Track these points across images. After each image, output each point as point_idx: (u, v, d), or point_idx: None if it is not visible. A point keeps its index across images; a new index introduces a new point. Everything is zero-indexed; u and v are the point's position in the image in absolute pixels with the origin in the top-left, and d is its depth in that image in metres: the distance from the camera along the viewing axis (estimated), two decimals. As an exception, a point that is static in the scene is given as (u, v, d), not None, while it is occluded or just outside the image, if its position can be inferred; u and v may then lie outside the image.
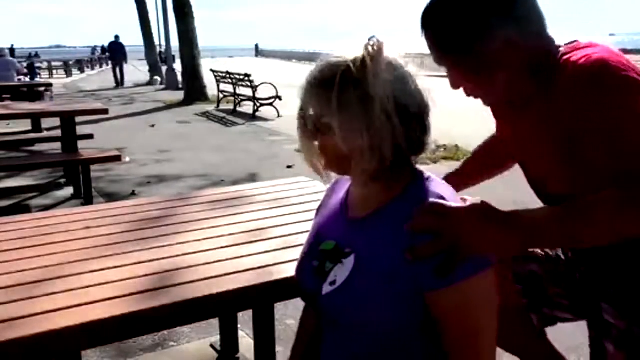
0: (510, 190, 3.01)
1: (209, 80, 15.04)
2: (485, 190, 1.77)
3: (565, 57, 1.19)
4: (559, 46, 1.24)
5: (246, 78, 12.14)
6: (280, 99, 12.17)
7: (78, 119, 6.11)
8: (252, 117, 11.91)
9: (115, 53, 21.93)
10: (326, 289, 1.11)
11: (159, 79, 21.13)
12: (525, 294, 1.52)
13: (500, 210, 1.00)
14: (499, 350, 1.15)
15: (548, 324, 1.55)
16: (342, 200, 1.21)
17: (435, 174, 1.15)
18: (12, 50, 29.16)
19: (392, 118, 1.01)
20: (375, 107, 1.00)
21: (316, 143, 1.09)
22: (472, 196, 1.11)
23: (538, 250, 1.53)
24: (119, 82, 21.45)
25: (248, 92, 12.32)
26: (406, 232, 1.00)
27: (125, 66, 22.56)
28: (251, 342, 2.49)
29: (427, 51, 1.25)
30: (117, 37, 22.17)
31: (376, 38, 1.04)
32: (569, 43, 1.24)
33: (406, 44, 1.08)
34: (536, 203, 1.26)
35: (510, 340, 1.50)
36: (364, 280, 1.05)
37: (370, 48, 1.03)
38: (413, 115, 1.04)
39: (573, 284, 1.45)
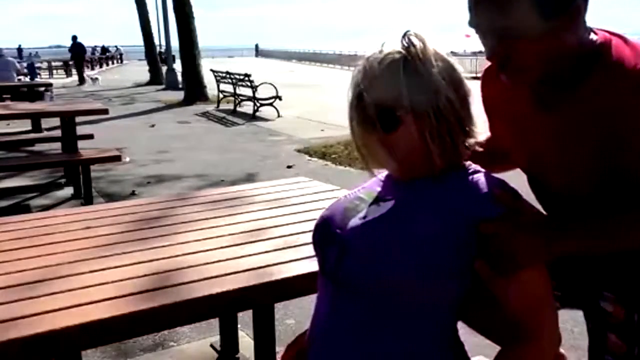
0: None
1: (209, 80, 15.05)
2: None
3: (607, 50, 1.16)
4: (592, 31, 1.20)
5: (246, 78, 12.14)
6: (280, 99, 12.17)
7: (78, 119, 6.12)
8: (252, 117, 11.90)
9: (75, 53, 22.70)
10: (354, 222, 1.09)
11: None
12: None
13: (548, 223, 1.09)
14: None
15: None
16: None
17: None
18: (19, 50, 29.25)
19: (454, 102, 1.04)
20: (440, 93, 1.03)
21: (374, 137, 1.07)
22: None
23: None
24: (81, 80, 22.44)
25: (248, 92, 12.32)
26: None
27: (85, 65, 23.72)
28: (251, 342, 2.49)
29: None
30: (74, 37, 22.82)
31: (413, 31, 1.06)
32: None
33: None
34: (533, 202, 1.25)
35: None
36: (398, 225, 1.05)
37: (415, 40, 1.05)
38: (466, 100, 1.07)
39: (569, 274, 1.44)
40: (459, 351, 1.11)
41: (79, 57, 23.15)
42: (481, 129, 1.14)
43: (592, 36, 1.18)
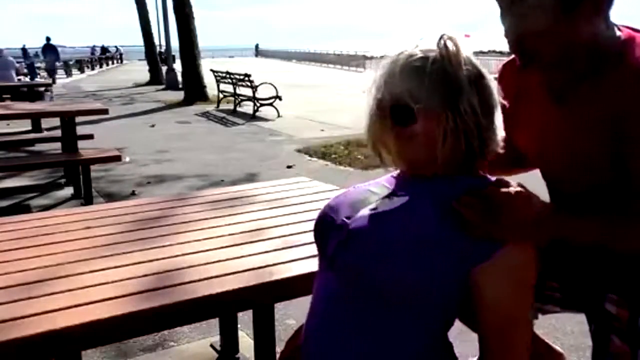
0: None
1: (209, 80, 15.05)
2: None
3: (630, 47, 1.15)
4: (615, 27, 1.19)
5: (246, 78, 12.14)
6: (280, 99, 12.17)
7: (78, 119, 6.11)
8: (252, 117, 11.90)
9: (48, 54, 22.12)
10: (363, 212, 1.10)
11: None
12: None
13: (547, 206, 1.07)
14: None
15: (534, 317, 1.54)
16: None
17: None
18: (24, 50, 29.21)
19: (476, 108, 1.04)
20: (463, 96, 1.04)
21: (391, 133, 1.08)
22: None
23: None
24: (54, 81, 21.88)
25: (248, 92, 12.32)
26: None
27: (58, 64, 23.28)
28: (251, 342, 2.49)
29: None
30: (48, 38, 22.44)
31: (447, 35, 1.07)
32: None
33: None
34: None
35: None
36: (404, 220, 1.05)
37: (449, 42, 1.06)
38: (491, 109, 1.07)
39: (573, 276, 1.43)
40: (449, 351, 1.11)
41: (52, 58, 22.09)
42: (502, 142, 1.12)
43: (616, 32, 1.18)
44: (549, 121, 1.29)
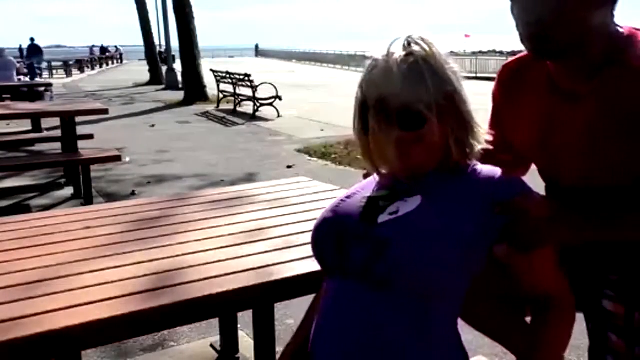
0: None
1: (209, 80, 15.05)
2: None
3: (634, 42, 1.18)
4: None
5: (246, 78, 12.14)
6: (280, 99, 12.17)
7: (78, 119, 6.12)
8: (252, 117, 11.90)
9: (33, 54, 21.95)
10: (383, 218, 1.08)
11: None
12: None
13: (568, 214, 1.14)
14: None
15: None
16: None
17: None
18: (21, 50, 29.21)
19: (466, 100, 1.09)
20: (456, 91, 1.07)
21: (392, 137, 1.07)
22: None
23: None
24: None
25: (248, 92, 12.32)
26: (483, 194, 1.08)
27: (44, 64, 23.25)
28: (251, 342, 2.49)
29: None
30: (32, 39, 22.46)
31: (418, 35, 1.08)
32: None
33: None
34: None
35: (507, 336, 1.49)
36: (432, 215, 1.06)
37: (422, 43, 1.07)
38: (468, 98, 1.10)
39: (572, 273, 1.44)
40: (460, 344, 1.12)
41: (37, 58, 21.56)
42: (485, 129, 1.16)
43: (619, 29, 1.21)
44: (555, 115, 1.28)
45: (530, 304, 1.18)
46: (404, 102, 1.04)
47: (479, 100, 1.32)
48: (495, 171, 1.12)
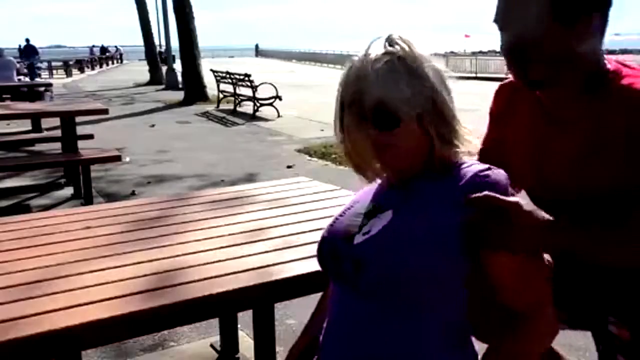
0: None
1: (209, 80, 15.05)
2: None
3: (619, 75, 1.19)
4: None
5: (246, 78, 12.14)
6: (280, 99, 12.17)
7: (78, 119, 6.12)
8: (252, 117, 11.90)
9: (28, 55, 21.95)
10: (358, 239, 1.10)
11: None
12: None
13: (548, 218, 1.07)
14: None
15: None
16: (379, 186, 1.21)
17: None
18: (20, 50, 29.26)
19: (447, 100, 1.07)
20: (436, 91, 1.06)
21: (370, 139, 1.07)
22: None
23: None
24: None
25: (248, 92, 12.32)
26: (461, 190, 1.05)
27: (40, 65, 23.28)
28: (251, 342, 2.49)
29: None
30: (27, 39, 22.46)
31: (397, 34, 1.07)
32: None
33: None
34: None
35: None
36: (403, 227, 1.06)
37: (401, 42, 1.06)
38: (451, 98, 1.09)
39: (576, 297, 1.44)
40: (468, 350, 1.11)
41: (32, 58, 21.36)
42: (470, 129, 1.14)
43: (605, 60, 1.22)
44: (543, 140, 1.30)
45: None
46: (377, 100, 1.03)
47: (479, 101, 1.32)
48: (480, 167, 1.08)
